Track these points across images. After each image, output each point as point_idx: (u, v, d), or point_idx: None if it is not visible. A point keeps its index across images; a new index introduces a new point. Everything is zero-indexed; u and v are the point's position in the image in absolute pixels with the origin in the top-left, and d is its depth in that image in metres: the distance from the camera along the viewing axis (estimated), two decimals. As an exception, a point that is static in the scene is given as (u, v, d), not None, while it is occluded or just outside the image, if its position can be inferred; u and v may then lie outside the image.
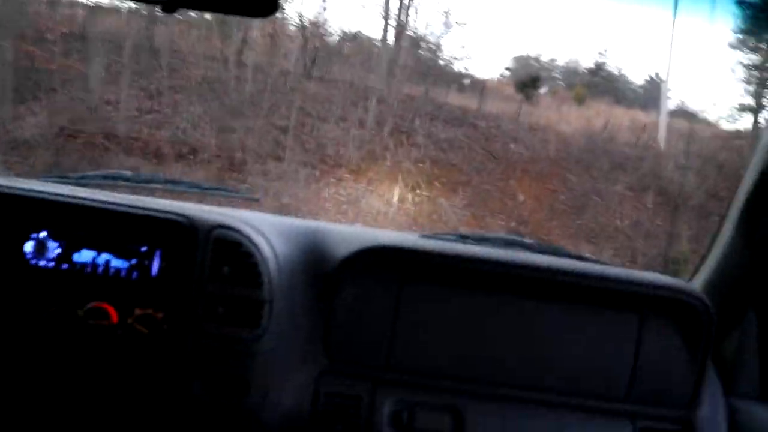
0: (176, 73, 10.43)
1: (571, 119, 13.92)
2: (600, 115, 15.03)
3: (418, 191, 9.61)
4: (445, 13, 12.90)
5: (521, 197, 10.27)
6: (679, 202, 10.45)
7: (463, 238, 2.05)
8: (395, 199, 9.34)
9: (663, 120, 13.38)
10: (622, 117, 14.30)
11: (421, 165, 10.12)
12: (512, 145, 11.30)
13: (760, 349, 1.91)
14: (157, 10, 1.37)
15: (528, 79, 15.13)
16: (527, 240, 2.11)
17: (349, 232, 2.02)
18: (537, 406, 1.82)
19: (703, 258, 2.05)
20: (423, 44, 13.26)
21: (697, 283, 2.03)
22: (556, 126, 12.68)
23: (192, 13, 10.19)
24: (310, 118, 10.42)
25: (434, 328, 1.81)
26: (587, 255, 2.14)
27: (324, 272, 1.79)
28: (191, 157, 9.21)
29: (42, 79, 9.73)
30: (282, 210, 8.25)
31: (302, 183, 9.11)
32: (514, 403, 1.81)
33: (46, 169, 8.35)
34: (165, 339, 1.68)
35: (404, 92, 11.72)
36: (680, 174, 11.33)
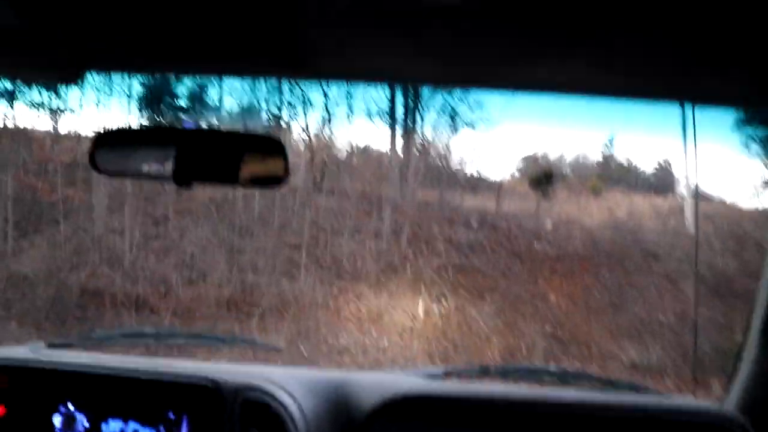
0: (182, 197, 10.12)
1: (592, 211, 13.48)
2: (619, 204, 14.64)
3: (443, 301, 9.04)
4: (451, 116, 12.78)
5: (553, 298, 9.65)
6: (722, 288, 9.81)
7: (485, 370, 2.04)
8: (420, 312, 8.75)
9: (688, 203, 12.89)
10: (642, 204, 13.85)
11: (443, 273, 9.60)
12: (536, 244, 10.78)
13: None
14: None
15: (542, 174, 14.79)
16: (551, 368, 2.21)
17: (372, 380, 2.00)
18: None
19: (732, 374, 1.94)
20: (432, 150, 13.06)
21: (730, 403, 1.90)
22: (579, 220, 12.21)
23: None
24: (324, 233, 10.01)
25: None
26: (617, 379, 2.10)
27: (352, 425, 1.77)
28: (201, 282, 8.73)
29: (44, 211, 9.44)
30: (301, 335, 7.68)
31: (320, 302, 8.56)
32: None
33: (46, 306, 7.89)
34: None
35: (418, 199, 11.37)
36: (717, 257, 10.73)
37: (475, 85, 1.43)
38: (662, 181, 19.15)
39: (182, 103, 12.60)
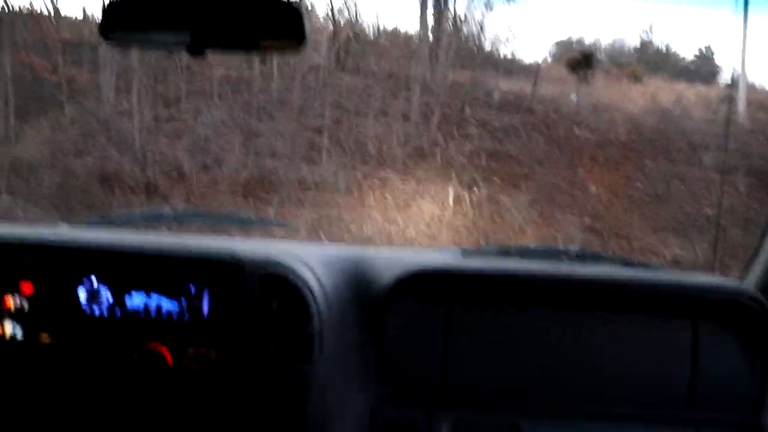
0: (195, 76, 9.46)
1: (634, 97, 12.64)
2: (662, 91, 13.77)
3: (475, 189, 8.45)
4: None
5: (593, 189, 9.03)
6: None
7: (505, 251, 2.07)
8: (450, 200, 8.20)
9: (742, 91, 11.98)
10: (686, 92, 12.93)
11: (476, 159, 8.96)
12: (576, 130, 10.04)
13: None
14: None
15: (581, 57, 13.86)
16: (571, 249, 2.12)
17: (392, 256, 2.02)
18: (597, 419, 1.79)
19: (754, 255, 1.93)
20: (465, 28, 12.17)
21: (750, 282, 1.89)
22: (620, 106, 11.38)
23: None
24: (347, 115, 9.36)
25: (486, 347, 1.81)
26: (634, 259, 2.16)
27: (371, 300, 1.81)
28: (216, 167, 8.21)
29: (46, 92, 8.86)
30: (322, 223, 7.19)
31: (343, 189, 8.02)
32: (573, 417, 1.80)
33: (52, 192, 7.46)
34: (220, 377, 1.71)
35: (450, 79, 10.59)
36: (771, 150, 9.98)
37: None
38: (705, 69, 18.32)
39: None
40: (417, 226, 7.75)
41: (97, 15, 10.86)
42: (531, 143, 9.64)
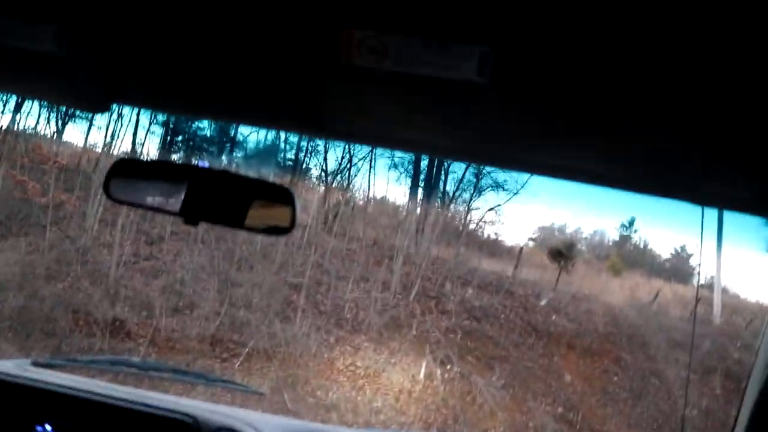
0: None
1: (614, 290, 12.77)
2: (640, 286, 13.96)
3: (448, 366, 8.25)
4: (476, 175, 12.26)
5: (568, 377, 8.85)
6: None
7: None
8: (422, 375, 7.96)
9: (717, 293, 12.14)
10: (663, 289, 13.10)
11: (452, 335, 8.85)
12: (554, 317, 10.00)
13: None
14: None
15: (563, 246, 14.14)
16: None
17: None
18: None
19: None
20: (452, 207, 12.49)
21: None
22: (600, 297, 11.46)
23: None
24: (327, 277, 9.30)
25: None
26: None
27: None
28: (187, 312, 8.01)
29: (32, 213, 8.82)
30: (287, 384, 6.92)
31: (314, 350, 7.80)
32: None
33: (13, 315, 7.19)
34: None
35: (433, 254, 10.68)
36: (748, 354, 9.91)
37: (495, 163, 1.81)
38: (681, 270, 18.67)
39: (200, 141, 12.37)
40: (385, 398, 7.47)
41: (97, 145, 11.13)
42: (508, 325, 9.55)
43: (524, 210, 17.98)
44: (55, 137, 10.84)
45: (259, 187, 1.39)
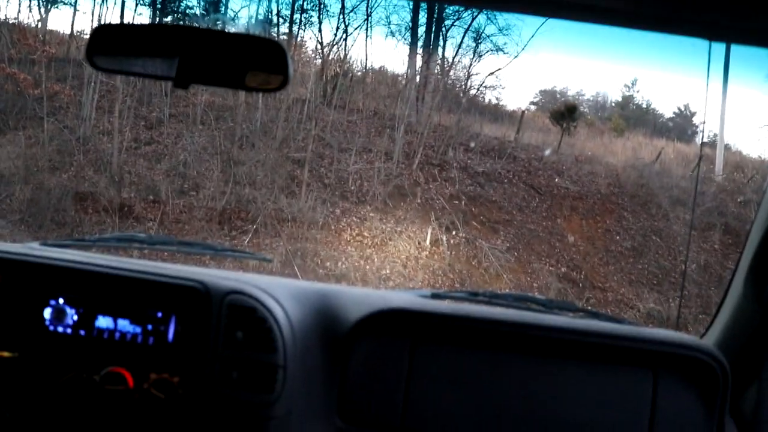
0: (179, 100, 9.37)
1: (616, 150, 12.76)
2: (642, 146, 13.95)
3: (453, 232, 8.39)
4: (475, 39, 11.92)
5: (571, 238, 9.02)
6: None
7: (474, 295, 2.06)
8: (428, 241, 8.11)
9: (720, 152, 12.16)
10: (666, 149, 13.09)
11: (456, 202, 8.93)
12: (557, 179, 10.06)
13: None
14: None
15: (564, 108, 14.01)
16: (539, 297, 2.11)
17: (360, 294, 2.00)
18: None
19: (716, 314, 1.99)
20: (453, 72, 12.25)
21: (710, 340, 1.96)
22: (602, 158, 11.47)
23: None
24: (330, 150, 9.28)
25: (447, 388, 1.82)
26: (601, 311, 2.17)
27: (337, 336, 1.81)
28: (193, 193, 8.07)
29: (27, 106, 8.70)
30: (297, 256, 7.07)
31: (320, 223, 7.91)
32: None
33: (23, 207, 7.28)
34: (181, 403, 1.71)
35: (434, 121, 10.58)
36: (747, 209, 10.05)
37: (499, 5, 1.42)
38: (684, 127, 18.63)
39: (189, 8, 11.96)
40: (393, 265, 7.66)
41: (86, 32, 10.84)
42: (512, 189, 9.63)
43: (525, 74, 17.65)
44: (39, 26, 10.51)
45: (251, 43, 1.34)
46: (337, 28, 11.15)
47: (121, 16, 10.75)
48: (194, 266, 2.05)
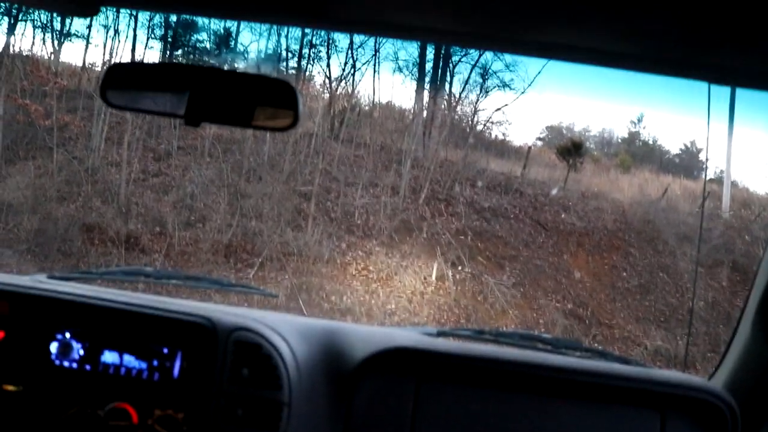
0: (187, 133, 9.44)
1: (623, 187, 12.75)
2: (649, 182, 13.93)
3: (459, 267, 8.36)
4: (482, 75, 12.04)
5: (578, 274, 8.98)
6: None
7: (480, 333, 2.08)
8: (433, 276, 8.09)
9: (726, 187, 12.13)
10: (672, 185, 13.08)
11: (462, 237, 8.93)
12: (563, 215, 10.05)
13: None
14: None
15: (571, 144, 14.05)
16: (545, 336, 2.10)
17: (366, 332, 2.00)
18: None
19: (724, 355, 1.98)
20: (459, 108, 12.34)
21: (718, 381, 1.94)
22: (609, 194, 11.46)
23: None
24: (336, 183, 9.31)
25: (452, 426, 1.80)
26: (608, 351, 2.14)
27: (342, 373, 1.80)
28: (200, 225, 8.09)
29: (37, 136, 8.79)
30: (302, 290, 7.05)
31: (326, 257, 7.91)
32: None
33: (30, 237, 7.31)
34: None
35: (441, 156, 10.64)
36: (755, 247, 10.00)
37: (504, 47, 1.43)
38: (691, 164, 18.62)
39: (200, 51, 12.11)
40: (398, 300, 7.63)
41: (97, 65, 10.98)
42: (518, 225, 9.62)
43: (532, 110, 17.76)
44: (52, 58, 10.67)
45: (262, 83, 1.37)
46: (345, 63, 11.29)
47: (133, 50, 10.89)
48: (200, 301, 2.06)
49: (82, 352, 1.75)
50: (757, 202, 12.34)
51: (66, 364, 1.74)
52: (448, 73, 12.21)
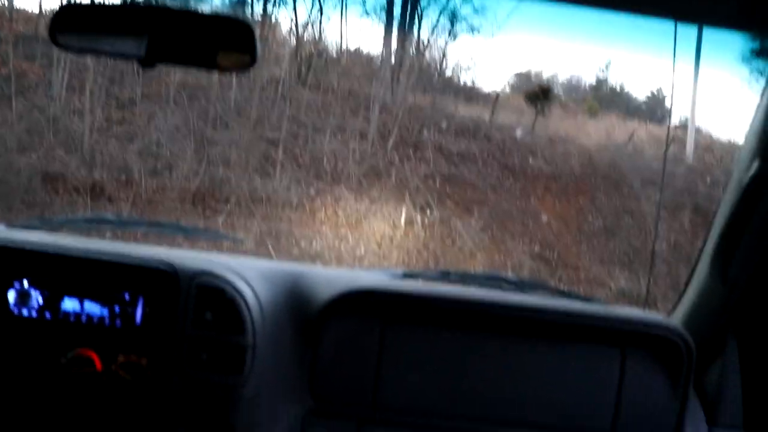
0: (151, 79, 9.25)
1: (590, 132, 12.84)
2: (616, 128, 14.03)
3: (428, 212, 8.42)
4: (450, 19, 11.91)
5: (545, 218, 9.10)
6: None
7: (446, 275, 2.10)
8: (402, 221, 8.15)
9: (691, 132, 12.30)
10: (638, 130, 13.22)
11: (430, 182, 8.96)
12: (531, 160, 10.13)
13: (742, 379, 1.91)
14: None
15: (539, 90, 14.06)
16: (510, 277, 2.18)
17: (331, 275, 2.03)
18: None
19: (682, 293, 2.06)
20: (428, 53, 12.23)
21: (676, 318, 2.03)
22: (576, 139, 11.55)
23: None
24: (304, 129, 9.26)
25: (418, 368, 1.84)
26: (571, 290, 2.18)
27: (307, 316, 1.82)
28: (166, 173, 8.02)
29: (-6, 84, 8.56)
30: (271, 236, 7.06)
31: (295, 203, 7.91)
32: None
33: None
34: (149, 385, 1.71)
35: (409, 102, 10.59)
36: (716, 190, 10.19)
37: None
38: (657, 109, 18.77)
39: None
40: (367, 244, 7.69)
41: (53, 10, 10.66)
42: (486, 170, 9.68)
43: (500, 56, 17.66)
44: (6, 3, 10.28)
45: (218, 23, 1.35)
46: (312, 8, 11.10)
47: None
48: (165, 247, 2.06)
49: (41, 300, 1.73)
50: (719, 146, 12.54)
51: (25, 312, 1.73)
52: (416, 18, 12.07)
